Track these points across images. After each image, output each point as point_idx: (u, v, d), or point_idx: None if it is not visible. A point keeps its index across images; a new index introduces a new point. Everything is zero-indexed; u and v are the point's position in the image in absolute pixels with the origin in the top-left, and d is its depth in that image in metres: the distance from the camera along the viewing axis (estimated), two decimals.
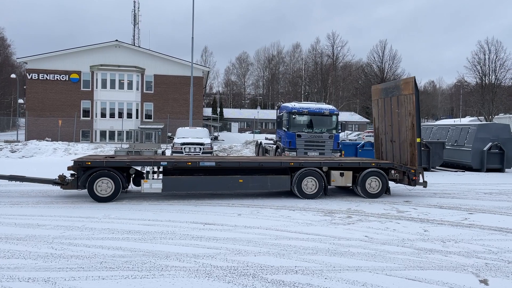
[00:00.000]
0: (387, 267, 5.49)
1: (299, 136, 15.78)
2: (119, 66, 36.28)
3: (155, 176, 10.41)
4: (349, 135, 44.29)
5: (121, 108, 36.72)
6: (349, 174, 11.11)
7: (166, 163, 10.25)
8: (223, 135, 53.72)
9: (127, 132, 34.47)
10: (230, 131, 71.27)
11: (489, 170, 19.28)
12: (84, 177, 9.72)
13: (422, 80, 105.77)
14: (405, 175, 11.38)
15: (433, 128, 24.92)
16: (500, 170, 19.49)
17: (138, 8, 65.06)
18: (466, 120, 52.51)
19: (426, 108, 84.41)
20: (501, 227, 7.87)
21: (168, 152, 21.01)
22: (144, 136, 28.20)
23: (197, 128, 21.83)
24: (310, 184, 10.79)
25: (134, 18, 66.39)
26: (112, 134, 36.67)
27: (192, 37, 26.04)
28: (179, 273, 5.10)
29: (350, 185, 11.24)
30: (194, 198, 10.57)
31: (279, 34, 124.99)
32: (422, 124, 29.86)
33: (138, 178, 10.42)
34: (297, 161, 10.99)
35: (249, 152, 25.93)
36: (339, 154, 16.56)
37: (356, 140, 29.85)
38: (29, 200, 9.86)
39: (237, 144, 30.54)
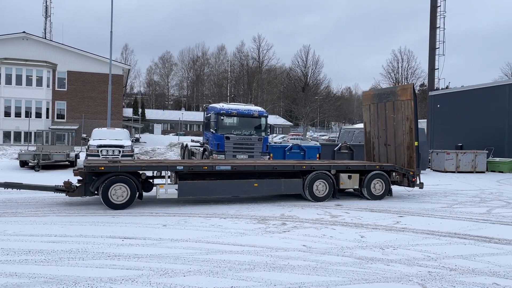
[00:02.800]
0: (332, 281, 5.01)
1: (228, 138, 15.11)
2: (26, 60, 32.83)
3: (159, 180, 10.12)
4: (274, 138, 44.70)
5: (28, 106, 33.24)
6: (356, 177, 11.42)
7: (182, 167, 9.87)
8: (145, 137, 51.34)
9: (35, 133, 31.24)
10: (153, 133, 68.58)
11: None
12: (97, 183, 9.12)
13: (342, 86, 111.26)
14: (404, 177, 11.89)
15: (355, 131, 25.77)
16: None
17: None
18: None
19: (343, 113, 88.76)
20: (433, 230, 7.87)
21: (82, 156, 19.14)
22: (55, 138, 25.59)
23: (116, 129, 20.17)
24: (320, 187, 10.93)
25: (46, 10, 61.41)
26: (17, 135, 33.03)
27: (111, 31, 24.17)
28: None
29: (357, 187, 11.52)
30: (110, 208, 9.38)
31: (206, 36, 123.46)
32: (344, 128, 30.94)
33: (147, 184, 9.91)
34: (309, 164, 11.23)
35: (173, 155, 24.71)
36: (268, 157, 16.19)
37: (281, 143, 29.95)
38: None
39: (161, 147, 29.08)
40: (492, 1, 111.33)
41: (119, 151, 16.72)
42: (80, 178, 9.40)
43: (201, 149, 16.81)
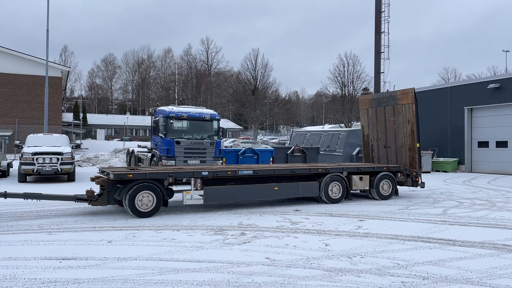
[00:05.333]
0: None
1: (178, 143, 14.29)
2: None
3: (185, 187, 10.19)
4: (225, 142, 44.01)
5: None
6: (366, 178, 11.81)
7: (207, 172, 9.83)
8: (87, 143, 48.65)
9: None
10: (96, 139, 65.30)
11: None
12: (123, 191, 8.80)
13: (290, 90, 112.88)
14: (408, 177, 12.51)
15: (306, 134, 25.80)
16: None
17: None
18: (327, 127, 56.91)
19: (292, 116, 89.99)
20: (396, 235, 7.65)
21: (15, 164, 17.43)
22: None
23: (54, 135, 18.60)
24: (335, 189, 11.27)
25: None
26: None
27: (47, 29, 22.38)
28: None
29: (368, 188, 11.91)
30: (47, 224, 8.33)
31: (155, 39, 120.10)
32: (295, 131, 30.95)
33: (168, 191, 9.66)
34: (324, 167, 11.58)
35: (118, 162, 23.35)
36: (221, 161, 15.56)
37: (232, 147, 29.36)
38: None
39: (105, 153, 27.45)
40: (432, 11, 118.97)
41: (57, 159, 15.33)
42: (103, 186, 9.12)
43: (149, 155, 15.84)
